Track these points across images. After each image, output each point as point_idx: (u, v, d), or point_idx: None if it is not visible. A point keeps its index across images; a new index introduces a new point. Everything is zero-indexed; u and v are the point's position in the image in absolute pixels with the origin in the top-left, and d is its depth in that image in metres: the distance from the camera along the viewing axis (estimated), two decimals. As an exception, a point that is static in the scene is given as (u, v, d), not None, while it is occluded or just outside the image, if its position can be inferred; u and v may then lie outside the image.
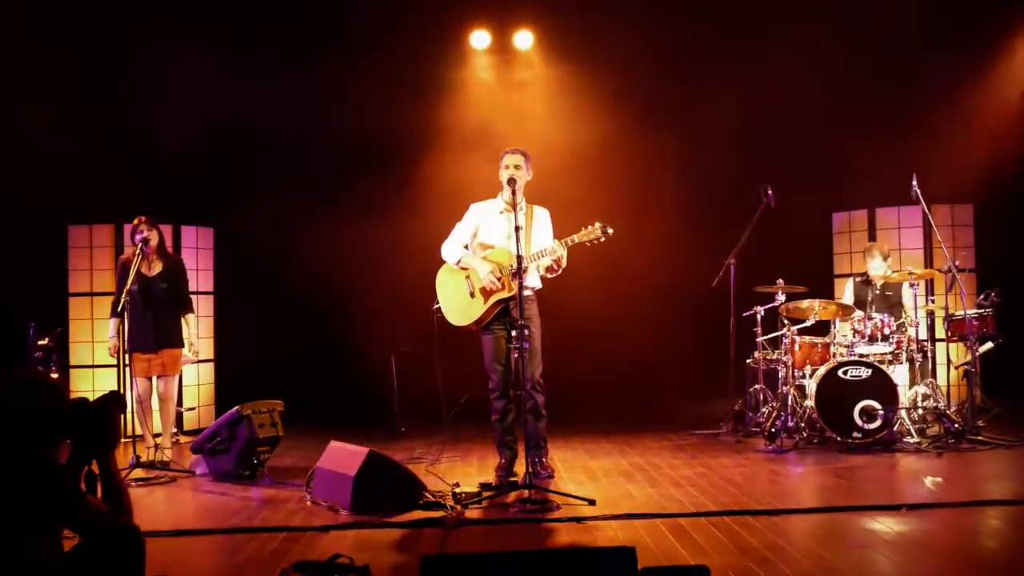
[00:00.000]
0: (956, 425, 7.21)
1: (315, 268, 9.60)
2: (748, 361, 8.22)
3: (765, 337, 7.97)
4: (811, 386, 7.36)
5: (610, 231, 5.83)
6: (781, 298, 7.81)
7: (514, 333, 5.83)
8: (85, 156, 8.58)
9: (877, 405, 7.09)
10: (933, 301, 8.17)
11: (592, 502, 5.40)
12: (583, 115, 9.85)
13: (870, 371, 7.19)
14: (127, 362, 7.15)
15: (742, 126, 9.56)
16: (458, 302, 6.28)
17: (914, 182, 7.41)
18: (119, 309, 6.86)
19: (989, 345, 7.72)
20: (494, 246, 6.24)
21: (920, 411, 7.55)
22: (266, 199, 9.40)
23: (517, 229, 5.70)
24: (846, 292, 8.36)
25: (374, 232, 9.56)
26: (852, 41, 9.31)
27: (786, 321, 7.77)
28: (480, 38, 10.12)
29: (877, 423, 7.09)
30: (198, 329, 7.46)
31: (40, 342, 7.91)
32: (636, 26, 9.54)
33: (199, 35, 8.81)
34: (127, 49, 9.00)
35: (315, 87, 9.66)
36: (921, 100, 9.25)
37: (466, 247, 6.35)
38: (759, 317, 7.96)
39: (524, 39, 10.12)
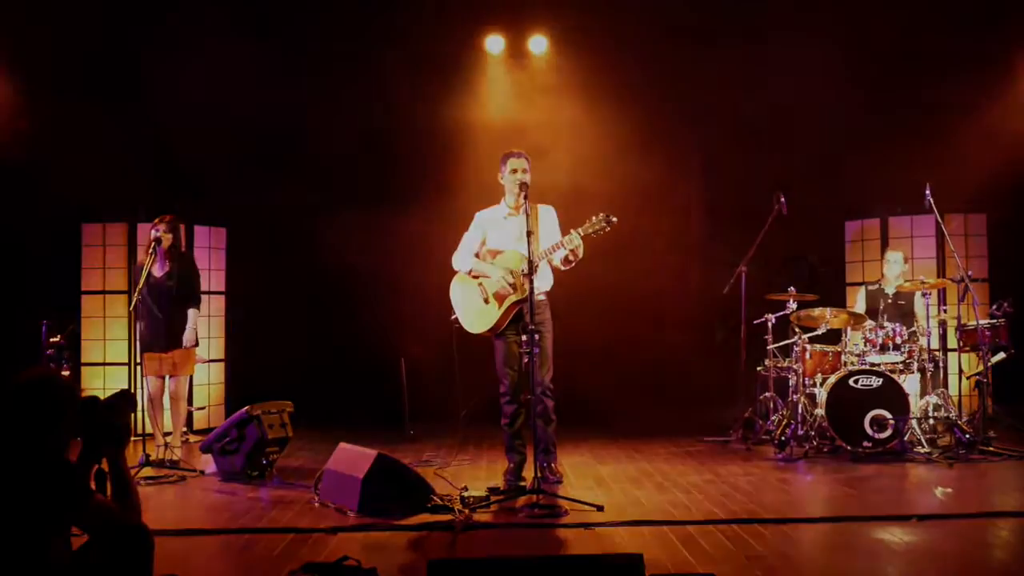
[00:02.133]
0: (967, 435, 7.18)
1: (327, 270, 9.61)
2: (759, 369, 8.20)
3: (776, 345, 7.95)
4: (822, 395, 7.33)
5: (614, 220, 5.85)
6: (792, 306, 7.78)
7: (524, 337, 5.83)
8: (100, 154, 8.61)
9: (888, 414, 7.07)
10: (946, 311, 8.13)
11: (600, 508, 5.39)
12: (598, 120, 9.84)
13: (881, 380, 7.16)
14: (138, 360, 7.19)
15: (755, 133, 9.54)
16: (474, 309, 6.29)
17: (927, 191, 7.39)
18: (131, 308, 6.89)
19: (1001, 355, 7.69)
20: (503, 251, 6.24)
21: (931, 421, 7.51)
22: (280, 200, 9.42)
23: (529, 233, 5.71)
24: (858, 301, 8.33)
25: (387, 234, 9.57)
26: (866, 48, 9.28)
27: (797, 329, 7.75)
28: (495, 43, 10.12)
29: (888, 433, 7.07)
30: (196, 324, 7.40)
31: (52, 340, 7.95)
32: (648, 32, 9.54)
33: (217, 35, 8.84)
34: (144, 47, 9.03)
35: (329, 88, 9.68)
36: (935, 109, 9.20)
37: (476, 256, 6.37)
38: (770, 325, 7.94)
39: (538, 44, 10.12)
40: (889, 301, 7.99)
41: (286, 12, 9.56)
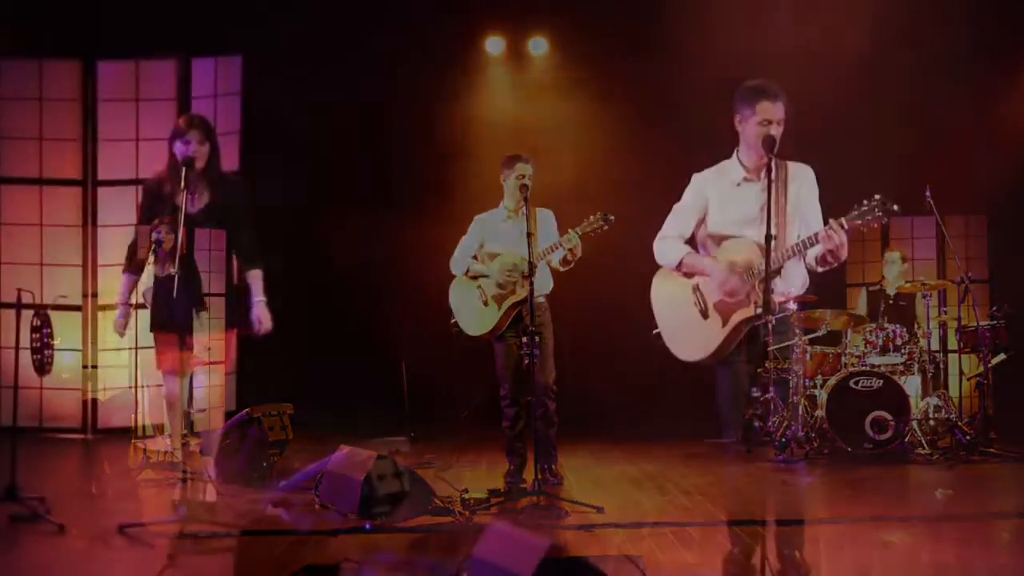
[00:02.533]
0: (968, 437, 7.17)
1: (327, 271, 9.61)
2: (759, 370, 8.18)
3: (776, 346, 7.92)
4: (822, 396, 7.33)
5: (611, 218, 5.92)
6: (792, 307, 7.77)
7: (524, 339, 5.84)
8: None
9: (888, 416, 7.06)
10: (946, 312, 8.13)
11: (600, 509, 5.38)
12: (597, 120, 9.84)
13: (881, 382, 7.16)
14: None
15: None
16: (473, 312, 6.30)
17: (928, 192, 7.39)
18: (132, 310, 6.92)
19: (1001, 356, 7.69)
20: (502, 253, 6.26)
21: (931, 422, 7.51)
22: (278, 201, 9.40)
23: (529, 235, 5.72)
24: (859, 302, 8.33)
25: (387, 235, 9.56)
26: (867, 49, 9.27)
27: (797, 330, 7.74)
28: (494, 44, 10.14)
29: (888, 434, 7.06)
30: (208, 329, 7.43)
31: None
32: (648, 33, 9.55)
33: (222, 37, 8.84)
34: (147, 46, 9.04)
35: (328, 88, 9.66)
36: (937, 110, 9.20)
37: (474, 259, 6.38)
38: (770, 326, 7.91)
39: (538, 45, 10.13)
40: (890, 302, 7.99)
41: (284, 12, 9.56)
